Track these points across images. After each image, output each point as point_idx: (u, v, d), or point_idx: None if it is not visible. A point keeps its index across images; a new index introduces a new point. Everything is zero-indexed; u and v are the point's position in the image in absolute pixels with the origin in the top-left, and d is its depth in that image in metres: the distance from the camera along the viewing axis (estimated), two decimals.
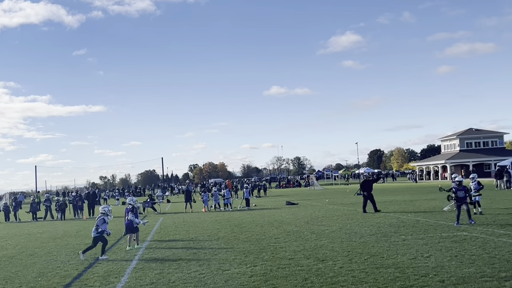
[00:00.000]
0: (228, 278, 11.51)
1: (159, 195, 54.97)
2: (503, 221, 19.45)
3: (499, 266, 11.15)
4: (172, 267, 13.39)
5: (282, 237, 18.35)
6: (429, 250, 13.81)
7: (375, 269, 11.57)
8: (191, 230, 23.07)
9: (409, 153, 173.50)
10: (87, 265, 14.48)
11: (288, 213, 29.79)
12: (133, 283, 11.58)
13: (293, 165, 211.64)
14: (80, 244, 19.80)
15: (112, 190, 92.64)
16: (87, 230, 25.83)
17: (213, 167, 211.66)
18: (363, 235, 17.75)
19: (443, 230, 17.84)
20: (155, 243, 18.74)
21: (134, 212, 18.27)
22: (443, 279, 10.18)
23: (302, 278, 11.08)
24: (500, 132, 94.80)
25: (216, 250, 15.95)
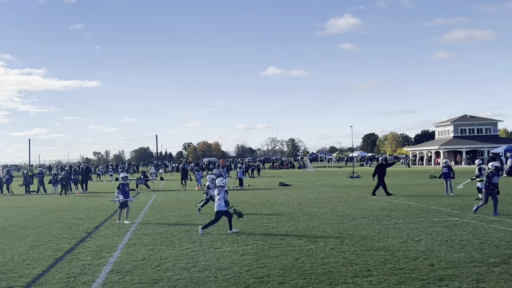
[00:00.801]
0: (220, 256, 11.58)
1: (152, 172, 55.04)
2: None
3: (488, 251, 11.25)
4: (164, 243, 13.45)
5: (274, 218, 18.43)
6: (420, 234, 13.91)
7: (365, 252, 11.66)
8: (184, 208, 23.14)
9: (403, 138, 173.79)
10: (80, 239, 14.52)
11: (281, 194, 29.90)
12: (125, 258, 11.64)
13: (287, 146, 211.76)
14: (73, 218, 19.85)
15: (106, 166, 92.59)
16: (79, 205, 25.88)
17: (207, 146, 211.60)
18: (355, 217, 17.85)
19: (434, 215, 17.96)
20: (148, 220, 18.79)
21: (120, 189, 18.32)
22: (433, 263, 10.28)
23: (293, 258, 11.16)
24: (494, 119, 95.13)
25: (209, 228, 15.99)
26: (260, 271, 9.98)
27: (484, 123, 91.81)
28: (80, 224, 18.12)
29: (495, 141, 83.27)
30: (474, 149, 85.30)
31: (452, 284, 8.59)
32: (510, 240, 12.52)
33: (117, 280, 9.55)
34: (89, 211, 22.74)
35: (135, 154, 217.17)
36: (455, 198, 24.23)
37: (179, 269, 10.28)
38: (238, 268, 10.28)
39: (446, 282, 8.73)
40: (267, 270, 10.00)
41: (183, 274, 9.87)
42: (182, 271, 10.14)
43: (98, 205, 25.72)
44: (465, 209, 19.53)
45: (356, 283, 8.88)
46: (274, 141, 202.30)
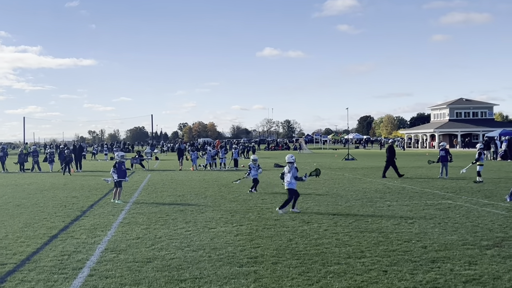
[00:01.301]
0: (214, 236, 11.62)
1: (147, 152, 55.00)
2: (488, 191, 19.68)
3: (481, 234, 11.32)
4: (158, 223, 13.48)
5: (268, 198, 18.48)
6: (413, 216, 13.98)
7: (359, 233, 11.71)
8: (179, 188, 23.16)
9: (398, 121, 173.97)
10: (74, 218, 14.54)
11: (275, 175, 29.89)
12: (119, 237, 11.66)
13: (282, 128, 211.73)
14: (68, 196, 19.86)
15: (101, 145, 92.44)
16: (74, 183, 25.88)
17: (202, 126, 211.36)
18: (349, 199, 17.91)
19: (428, 198, 18.04)
20: (143, 199, 18.82)
21: (116, 167, 18.39)
22: (426, 245, 10.34)
23: (287, 238, 11.21)
24: (490, 103, 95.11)
25: (203, 209, 16.05)
26: (254, 251, 10.03)
27: (480, 107, 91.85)
28: (74, 202, 18.13)
29: (491, 125, 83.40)
30: (469, 133, 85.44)
31: (444, 266, 8.65)
32: (503, 223, 12.60)
33: (111, 258, 9.58)
34: (83, 189, 22.75)
35: (130, 133, 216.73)
36: (449, 181, 24.33)
37: (173, 248, 10.32)
38: (232, 248, 10.32)
39: (439, 264, 8.79)
40: (261, 251, 10.05)
41: (177, 253, 9.91)
42: (176, 250, 10.17)
43: (93, 184, 25.72)
44: (458, 192, 19.61)
45: (349, 264, 8.93)
46: (269, 122, 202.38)
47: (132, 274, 8.45)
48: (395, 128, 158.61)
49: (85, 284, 7.95)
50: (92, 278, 8.26)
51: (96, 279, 8.23)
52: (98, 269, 8.80)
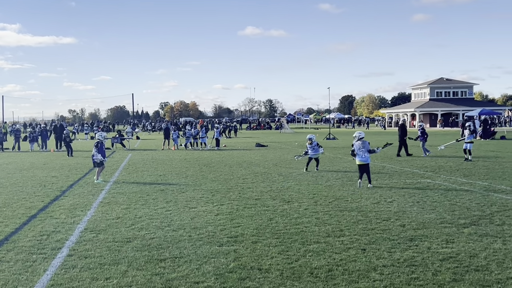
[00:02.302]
0: (194, 215, 11.62)
1: (128, 132, 54.66)
2: (466, 170, 19.91)
3: (459, 213, 11.47)
4: (139, 203, 13.44)
5: (250, 178, 18.51)
6: (393, 195, 14.11)
7: (338, 212, 11.80)
8: (160, 167, 23.09)
9: (380, 100, 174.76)
10: (53, 198, 14.44)
11: (257, 155, 29.99)
12: (99, 216, 11.62)
13: (264, 107, 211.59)
14: (47, 176, 19.69)
15: (81, 124, 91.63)
16: (54, 163, 25.66)
17: (184, 106, 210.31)
18: (329, 178, 18.01)
19: (407, 177, 18.20)
20: (123, 179, 18.74)
21: (98, 147, 18.32)
22: (404, 223, 10.45)
23: (267, 218, 11.25)
24: (470, 82, 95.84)
25: (184, 188, 16.03)
26: (234, 230, 10.06)
27: (460, 86, 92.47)
28: (54, 182, 18.00)
29: (470, 104, 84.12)
30: (449, 112, 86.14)
31: (422, 244, 8.76)
32: (480, 202, 12.77)
33: (90, 238, 9.55)
34: (63, 169, 22.57)
35: (111, 112, 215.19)
36: (428, 160, 24.55)
37: (153, 228, 10.31)
38: (212, 227, 10.35)
39: (416, 242, 8.90)
40: (241, 230, 10.08)
41: (157, 233, 9.90)
42: (156, 230, 10.17)
43: (73, 163, 25.51)
44: (437, 171, 19.82)
45: (328, 242, 9.00)
46: (251, 101, 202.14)
47: (112, 254, 8.43)
48: (376, 108, 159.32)
49: (64, 264, 7.92)
50: (71, 258, 8.23)
51: (75, 259, 8.20)
52: (77, 249, 8.77)
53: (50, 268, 7.76)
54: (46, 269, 7.74)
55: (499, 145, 36.15)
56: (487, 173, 18.95)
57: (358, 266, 7.67)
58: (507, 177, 17.69)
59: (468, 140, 23.95)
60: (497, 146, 34.31)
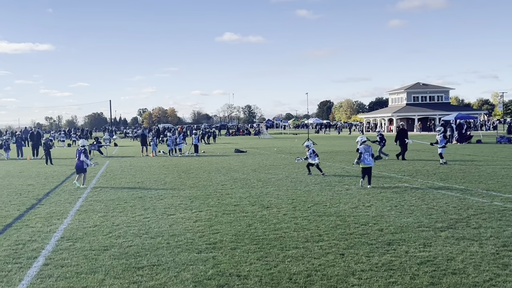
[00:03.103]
0: (173, 222, 11.55)
1: (106, 138, 54.25)
2: (443, 174, 20.10)
3: (436, 217, 11.56)
4: (116, 210, 13.32)
5: (228, 184, 18.47)
6: (371, 200, 14.18)
7: (317, 217, 11.82)
8: (138, 174, 22.93)
9: (357, 105, 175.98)
10: (29, 206, 14.24)
11: (236, 161, 29.95)
12: (76, 225, 11.48)
13: (243, 113, 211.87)
14: (23, 184, 19.42)
15: (58, 132, 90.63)
16: (30, 171, 25.33)
17: (163, 112, 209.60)
18: (308, 184, 18.04)
19: (385, 181, 18.32)
20: (101, 186, 18.55)
21: (85, 154, 18.90)
22: (382, 228, 10.51)
23: (246, 224, 11.23)
24: (446, 87, 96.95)
25: (162, 195, 15.93)
26: (213, 237, 10.01)
27: (436, 91, 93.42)
28: (30, 190, 17.76)
29: (447, 109, 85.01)
30: (426, 116, 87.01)
31: (399, 249, 8.81)
32: (457, 206, 12.90)
33: (67, 247, 9.42)
34: (40, 177, 22.29)
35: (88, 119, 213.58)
36: (405, 164, 24.74)
37: (131, 236, 10.22)
38: (191, 234, 10.29)
39: (394, 247, 8.95)
40: (219, 236, 10.04)
41: (135, 240, 9.81)
42: (134, 237, 10.08)
43: (49, 171, 25.21)
44: (415, 175, 19.98)
45: (307, 248, 9.00)
46: (230, 107, 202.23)
47: (89, 263, 8.33)
48: (354, 113, 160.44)
49: (40, 274, 7.80)
50: (47, 267, 8.11)
51: (51, 268, 8.09)
52: (53, 258, 8.65)
53: (25, 278, 7.64)
54: (21, 278, 7.62)
55: (475, 149, 36.61)
56: (464, 176, 19.15)
57: (336, 271, 7.68)
58: (483, 180, 17.90)
59: (440, 145, 24.37)
60: (473, 150, 34.74)
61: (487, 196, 14.35)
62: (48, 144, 31.63)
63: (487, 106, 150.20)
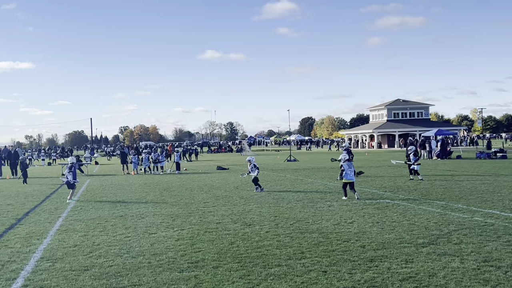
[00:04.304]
0: (154, 241, 11.45)
1: (86, 157, 53.84)
2: (424, 190, 20.23)
3: (417, 232, 11.61)
4: (97, 229, 13.18)
5: (211, 202, 18.39)
6: (353, 216, 14.20)
7: (300, 234, 11.80)
8: (119, 193, 22.75)
9: (339, 122, 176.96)
10: (8, 226, 14.03)
11: (218, 178, 29.88)
12: (55, 245, 11.33)
13: (225, 130, 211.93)
14: (2, 204, 19.15)
15: (38, 150, 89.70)
16: (9, 190, 25.01)
17: (144, 129, 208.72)
18: (291, 200, 18.04)
19: (367, 197, 18.38)
20: (81, 205, 18.36)
21: (72, 170, 19.89)
22: (364, 244, 10.52)
23: (229, 242, 11.17)
24: (426, 103, 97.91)
25: (144, 214, 15.81)
26: (195, 255, 9.94)
27: (416, 107, 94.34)
28: (9, 210, 17.51)
29: (427, 125, 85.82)
30: (406, 133, 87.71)
31: (382, 265, 8.82)
32: (438, 221, 12.97)
33: (46, 267, 9.28)
34: (19, 196, 22.00)
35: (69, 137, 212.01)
36: (387, 180, 24.87)
37: (112, 255, 10.10)
38: (172, 253, 10.20)
39: (376, 263, 8.95)
40: (202, 255, 9.97)
41: (116, 260, 9.70)
42: (115, 257, 9.96)
43: (29, 190, 24.91)
44: (396, 191, 20.09)
45: (290, 265, 8.97)
46: (212, 124, 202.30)
47: (69, 283, 8.21)
48: (336, 129, 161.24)
49: None
50: None
51: None
52: (33, 279, 8.51)
53: None
54: None
55: (455, 164, 36.95)
56: (444, 192, 19.30)
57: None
58: (464, 196, 18.05)
59: (416, 163, 24.62)
60: (454, 166, 35.06)
61: (467, 212, 14.46)
62: (25, 163, 31.30)
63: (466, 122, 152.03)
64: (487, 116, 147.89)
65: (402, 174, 27.46)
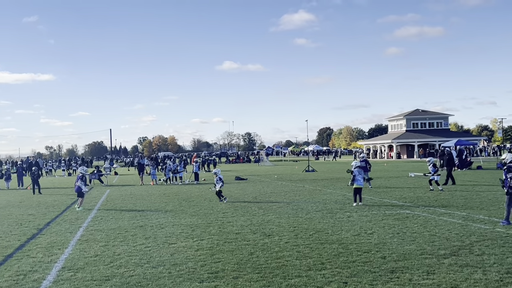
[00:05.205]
0: (174, 251, 11.49)
1: (106, 167, 54.21)
2: (444, 200, 20.06)
3: (438, 244, 11.51)
4: (117, 239, 13.26)
5: (229, 212, 18.41)
6: (373, 227, 14.12)
7: (319, 245, 11.77)
8: (138, 203, 22.87)
9: (357, 132, 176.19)
10: (30, 236, 14.17)
11: (236, 188, 29.90)
12: (77, 255, 11.42)
13: (243, 140, 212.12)
14: (24, 214, 19.36)
15: (58, 161, 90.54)
16: (30, 201, 25.27)
17: (163, 140, 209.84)
18: (310, 211, 17.99)
19: (386, 208, 18.27)
20: (101, 215, 18.49)
21: (83, 180, 20.58)
22: (385, 255, 10.45)
23: (248, 252, 11.17)
24: (445, 113, 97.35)
25: (163, 224, 15.87)
26: (215, 266, 9.95)
27: (436, 117, 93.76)
28: (31, 220, 17.69)
29: (446, 135, 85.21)
30: (426, 143, 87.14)
31: (403, 276, 8.75)
32: (460, 232, 12.85)
33: (68, 277, 9.36)
34: (40, 207, 22.22)
35: (89, 148, 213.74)
36: (406, 191, 24.70)
37: (133, 265, 10.16)
38: (192, 263, 10.23)
39: (397, 274, 8.89)
40: (221, 265, 9.98)
41: (136, 270, 9.75)
42: (136, 267, 10.02)
43: (50, 200, 25.15)
44: (416, 202, 19.94)
45: (310, 276, 8.94)
46: (230, 135, 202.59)
47: None
48: (354, 139, 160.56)
49: None
50: None
51: None
52: None
53: None
54: None
55: (476, 175, 36.58)
56: (465, 203, 19.11)
57: None
58: (485, 207, 17.86)
59: (435, 174, 24.39)
60: (474, 176, 34.71)
61: (489, 223, 14.30)
62: (35, 173, 31.56)
63: (486, 132, 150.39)
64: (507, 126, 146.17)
65: (421, 185, 27.24)
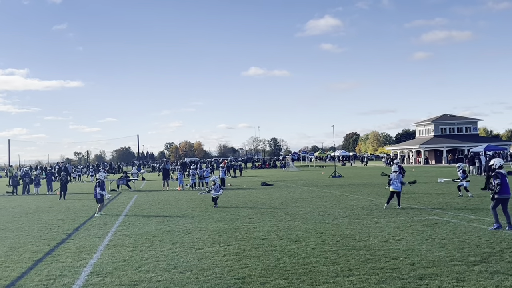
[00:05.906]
0: (201, 257, 11.53)
1: (133, 173, 54.73)
2: (474, 206, 19.77)
3: (468, 250, 11.34)
4: (145, 244, 13.36)
5: (256, 217, 18.41)
6: (401, 233, 13.98)
7: (347, 251, 11.69)
8: (166, 208, 23.02)
9: (384, 137, 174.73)
10: (59, 241, 14.37)
11: (263, 194, 29.89)
12: (105, 259, 11.53)
13: (269, 146, 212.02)
14: (53, 219, 19.64)
15: (87, 167, 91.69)
16: (59, 206, 25.62)
17: (189, 146, 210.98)
18: (337, 217, 17.90)
19: (415, 214, 18.08)
20: (129, 220, 18.66)
21: (100, 186, 20.96)
22: (413, 262, 10.33)
23: (275, 258, 11.15)
24: (474, 118, 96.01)
25: (190, 229, 15.94)
26: (242, 271, 9.96)
27: (464, 122, 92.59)
28: (60, 225, 17.94)
29: (475, 140, 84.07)
30: (454, 148, 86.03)
31: (432, 283, 8.64)
32: (490, 239, 12.64)
33: (97, 282, 9.46)
34: (69, 212, 22.52)
35: (116, 154, 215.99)
36: (435, 196, 24.41)
37: (160, 270, 10.22)
38: (219, 269, 10.25)
39: (427, 281, 8.78)
40: (248, 271, 9.98)
41: (164, 275, 9.81)
42: (163, 272, 10.08)
43: (78, 206, 25.48)
44: (445, 207, 19.69)
45: (338, 282, 8.89)
46: (256, 140, 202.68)
47: None
48: (381, 145, 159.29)
49: None
50: None
51: None
52: None
53: None
54: None
55: None
56: None
57: None
58: None
59: (465, 180, 24.15)
60: None
61: None
62: (63, 178, 32.02)
63: None
64: None
65: (450, 191, 26.89)
